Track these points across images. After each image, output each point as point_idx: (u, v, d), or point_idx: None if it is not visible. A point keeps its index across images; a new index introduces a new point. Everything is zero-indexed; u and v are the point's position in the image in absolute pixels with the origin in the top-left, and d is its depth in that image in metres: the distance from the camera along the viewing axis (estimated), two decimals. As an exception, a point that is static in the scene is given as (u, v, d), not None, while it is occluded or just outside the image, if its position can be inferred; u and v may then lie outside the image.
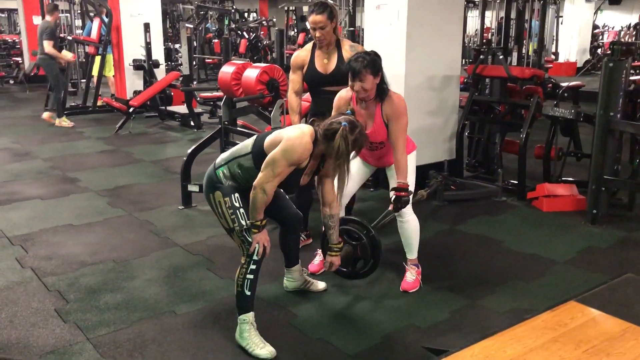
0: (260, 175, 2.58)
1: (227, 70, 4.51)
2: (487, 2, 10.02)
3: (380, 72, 3.03)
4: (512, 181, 5.11)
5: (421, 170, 4.92)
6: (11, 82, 13.96)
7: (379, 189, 5.16)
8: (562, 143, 5.23)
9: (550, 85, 8.78)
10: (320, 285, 3.27)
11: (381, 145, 3.23)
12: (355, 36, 10.62)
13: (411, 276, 3.34)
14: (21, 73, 13.62)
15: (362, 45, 5.19)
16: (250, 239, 2.66)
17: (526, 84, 5.31)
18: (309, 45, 3.66)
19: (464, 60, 14.88)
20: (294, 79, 3.67)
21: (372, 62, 2.99)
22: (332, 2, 3.54)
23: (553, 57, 15.74)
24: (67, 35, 10.13)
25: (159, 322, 2.93)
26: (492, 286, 3.35)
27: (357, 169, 3.44)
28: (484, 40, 8.30)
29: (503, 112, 5.40)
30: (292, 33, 17.83)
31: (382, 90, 3.08)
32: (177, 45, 13.07)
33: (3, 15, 25.16)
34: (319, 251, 3.60)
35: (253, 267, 2.68)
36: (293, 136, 2.57)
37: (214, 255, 3.75)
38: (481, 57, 5.25)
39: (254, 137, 2.78)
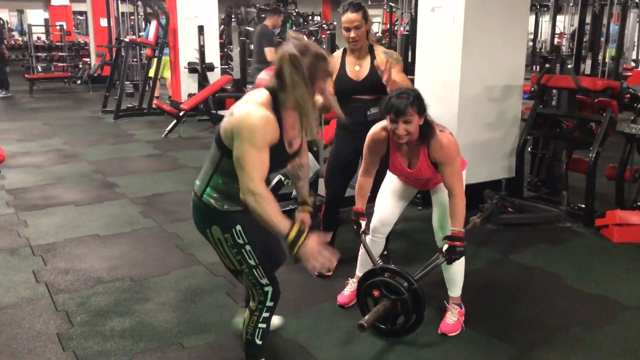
0: (240, 182, 2.00)
1: (263, 77, 4.20)
2: (560, 5, 9.33)
3: (425, 112, 2.63)
4: (578, 205, 4.55)
5: (476, 189, 4.49)
6: (78, 82, 14.33)
7: (428, 207, 4.72)
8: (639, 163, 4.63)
9: (628, 96, 7.98)
10: (277, 320, 2.78)
11: (427, 179, 2.86)
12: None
13: (452, 317, 2.92)
14: (86, 73, 13.96)
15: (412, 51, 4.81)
16: (263, 281, 2.18)
17: (599, 96, 4.73)
18: (339, 52, 3.36)
19: (533, 67, 14.12)
20: None
21: (418, 98, 2.58)
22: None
23: (633, 64, 14.66)
24: (124, 38, 10.20)
25: (162, 356, 2.65)
26: (547, 334, 2.87)
27: (397, 191, 3.05)
28: (554, 47, 7.64)
29: (571, 127, 4.85)
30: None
31: (427, 132, 2.65)
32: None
33: (82, 17, 26.17)
34: (350, 280, 3.24)
35: (266, 315, 2.24)
36: (243, 117, 1.99)
37: (237, 278, 3.45)
38: (547, 65, 4.72)
39: (214, 136, 2.17)
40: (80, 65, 15.50)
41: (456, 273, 2.95)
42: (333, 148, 3.48)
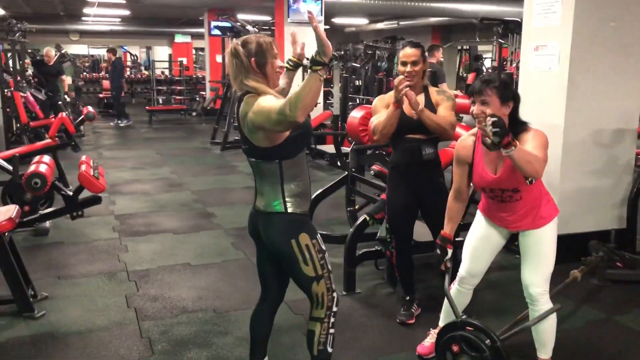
0: (271, 115, 2.07)
1: (355, 115, 4.22)
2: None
3: (511, 101, 2.50)
4: (701, 264, 4.08)
5: (579, 240, 4.17)
6: (193, 114, 15.22)
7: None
8: None
9: None
10: None
11: (514, 194, 2.60)
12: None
13: (540, 381, 2.68)
14: (199, 106, 14.79)
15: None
16: (333, 286, 2.37)
17: None
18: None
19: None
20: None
21: (501, 83, 2.48)
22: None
23: None
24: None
25: (232, 394, 2.66)
26: (651, 411, 2.56)
27: (486, 238, 2.85)
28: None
29: (694, 176, 4.39)
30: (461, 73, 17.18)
31: (517, 125, 2.51)
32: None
33: (202, 53, 27.98)
34: (432, 331, 3.08)
35: (333, 320, 2.39)
36: (254, 109, 2.17)
37: (316, 318, 3.40)
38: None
39: (255, 164, 2.35)
40: (197, 98, 16.49)
41: (546, 332, 2.71)
42: (388, 193, 3.38)
